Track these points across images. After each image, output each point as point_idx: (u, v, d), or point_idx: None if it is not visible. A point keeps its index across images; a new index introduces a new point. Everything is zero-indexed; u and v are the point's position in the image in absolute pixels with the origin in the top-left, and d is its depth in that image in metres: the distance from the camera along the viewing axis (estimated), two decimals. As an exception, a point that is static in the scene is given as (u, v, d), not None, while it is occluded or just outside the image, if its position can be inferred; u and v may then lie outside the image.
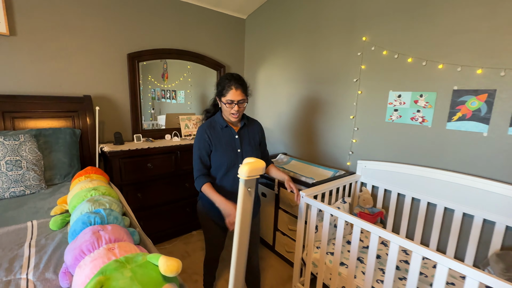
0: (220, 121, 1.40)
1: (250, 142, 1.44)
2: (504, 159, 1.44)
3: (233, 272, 0.64)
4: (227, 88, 1.30)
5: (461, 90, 1.56)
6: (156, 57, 2.55)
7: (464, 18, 1.52)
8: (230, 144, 1.39)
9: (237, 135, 1.41)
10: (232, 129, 1.41)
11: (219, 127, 1.40)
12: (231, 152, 1.38)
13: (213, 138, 1.37)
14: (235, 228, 0.61)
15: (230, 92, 1.30)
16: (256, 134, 1.50)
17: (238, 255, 0.57)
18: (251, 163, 0.45)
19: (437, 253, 1.03)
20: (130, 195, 2.11)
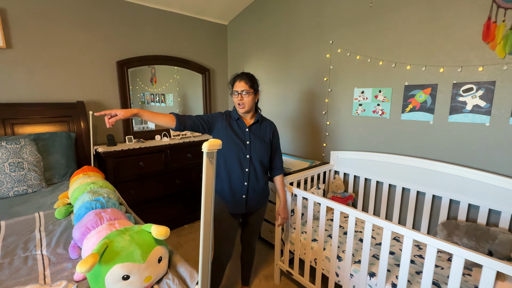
0: (233, 113, 1.51)
1: (260, 137, 1.52)
2: (446, 143, 1.69)
3: (201, 240, 0.81)
4: (233, 81, 1.48)
5: (411, 85, 1.80)
6: (144, 63, 2.73)
7: (409, 24, 1.77)
8: (239, 134, 1.47)
9: (247, 129, 1.49)
10: (243, 122, 1.50)
11: (232, 118, 1.51)
12: (239, 141, 1.45)
13: (224, 122, 1.48)
14: (202, 196, 0.75)
15: (236, 83, 1.46)
16: (268, 132, 1.56)
17: (205, 221, 0.73)
18: (211, 140, 0.65)
19: (402, 227, 1.26)
20: (124, 192, 2.28)
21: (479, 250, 1.43)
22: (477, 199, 1.55)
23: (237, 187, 1.49)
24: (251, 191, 1.52)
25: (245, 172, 1.48)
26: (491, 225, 1.52)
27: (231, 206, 1.51)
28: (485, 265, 0.98)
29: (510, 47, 1.40)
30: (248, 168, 1.48)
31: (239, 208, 1.52)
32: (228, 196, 1.49)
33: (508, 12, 1.40)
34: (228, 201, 1.50)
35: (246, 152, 1.47)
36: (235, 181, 1.48)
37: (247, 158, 1.47)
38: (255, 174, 1.50)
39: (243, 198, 1.51)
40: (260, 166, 1.52)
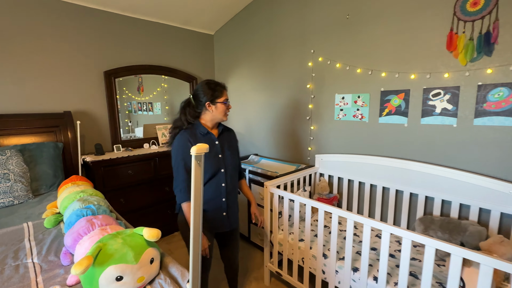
0: (200, 128, 1.40)
1: (229, 148, 1.48)
2: (420, 144, 1.82)
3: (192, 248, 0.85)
4: (221, 89, 1.40)
5: (386, 91, 1.94)
6: (131, 73, 2.76)
7: (382, 34, 1.91)
8: (212, 150, 1.39)
9: (217, 141, 1.43)
10: (213, 135, 1.43)
11: (199, 134, 1.39)
12: (214, 157, 1.39)
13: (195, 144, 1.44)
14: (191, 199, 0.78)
15: (224, 92, 1.41)
16: (233, 140, 1.55)
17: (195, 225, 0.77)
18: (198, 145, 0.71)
19: (381, 222, 1.35)
20: (113, 200, 2.29)
21: (452, 242, 1.54)
22: (449, 195, 1.67)
23: (217, 205, 1.43)
24: (231, 205, 1.48)
25: (222, 187, 1.43)
26: (463, 219, 1.65)
27: (215, 226, 1.45)
28: (453, 253, 1.08)
29: (470, 56, 1.55)
30: (224, 183, 1.43)
31: (223, 227, 1.48)
32: (210, 215, 1.42)
33: (467, 24, 1.55)
34: (209, 222, 1.42)
35: (221, 166, 1.42)
36: (214, 199, 1.42)
37: (222, 172, 1.42)
38: (232, 186, 1.47)
39: (224, 216, 1.46)
40: (235, 176, 1.50)
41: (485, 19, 1.49)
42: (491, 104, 1.51)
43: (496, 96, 1.50)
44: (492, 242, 1.32)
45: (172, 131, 1.44)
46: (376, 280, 1.39)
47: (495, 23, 1.46)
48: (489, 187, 1.52)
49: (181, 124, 1.42)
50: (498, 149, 1.52)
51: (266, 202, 1.88)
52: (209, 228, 1.44)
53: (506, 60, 1.45)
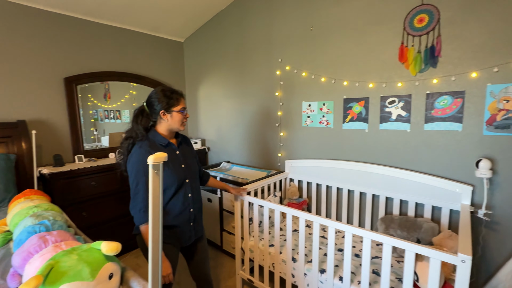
0: (159, 139, 1.31)
1: (190, 156, 1.44)
2: (379, 148, 1.94)
3: (150, 258, 0.80)
4: (177, 97, 1.30)
5: (348, 99, 2.05)
6: (95, 79, 2.65)
7: (343, 46, 2.04)
8: (175, 161, 1.33)
9: (178, 151, 1.38)
10: (173, 145, 1.36)
11: (160, 146, 1.31)
12: (178, 169, 1.32)
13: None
14: (149, 208, 0.73)
15: (182, 100, 1.32)
16: (191, 147, 1.51)
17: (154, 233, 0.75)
18: (156, 154, 0.70)
19: (315, 216, 1.40)
20: (75, 214, 2.14)
21: (410, 238, 1.66)
22: (406, 195, 1.80)
23: (186, 217, 1.36)
24: (197, 214, 1.43)
25: (189, 198, 1.37)
26: (418, 216, 1.78)
27: (184, 240, 1.38)
28: (407, 249, 1.16)
29: (419, 67, 1.70)
30: (191, 193, 1.37)
31: (190, 239, 1.41)
32: (180, 230, 1.35)
33: (415, 39, 1.71)
34: (180, 236, 1.35)
35: (186, 177, 1.36)
36: (183, 212, 1.34)
37: (187, 182, 1.36)
38: (197, 194, 1.43)
39: (191, 226, 1.40)
40: (198, 184, 1.46)
41: (430, 35, 1.65)
42: (438, 111, 1.67)
43: (441, 103, 1.65)
44: (442, 237, 1.44)
45: (123, 142, 1.31)
46: (341, 280, 1.45)
47: (438, 38, 1.62)
48: (439, 186, 1.66)
49: (134, 134, 1.30)
50: (446, 151, 1.67)
51: (236, 209, 1.88)
52: (180, 244, 1.37)
53: (448, 71, 1.62)
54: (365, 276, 1.30)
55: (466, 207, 1.52)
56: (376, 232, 1.26)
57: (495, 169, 1.51)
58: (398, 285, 1.40)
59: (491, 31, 1.47)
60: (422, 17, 1.67)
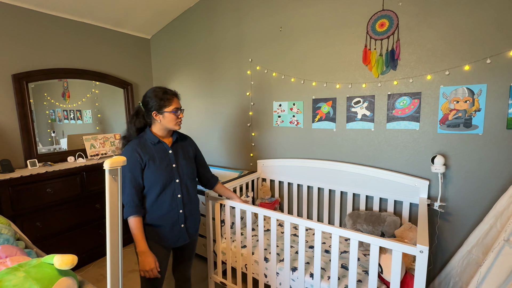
0: (150, 137, 1.32)
1: (184, 156, 1.41)
2: (346, 146, 2.02)
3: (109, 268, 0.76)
4: (169, 98, 1.30)
5: (317, 99, 2.11)
6: (50, 77, 2.43)
7: (310, 47, 2.09)
8: (164, 159, 1.32)
9: (170, 150, 1.36)
10: (165, 144, 1.35)
11: (150, 144, 1.32)
12: (165, 167, 1.31)
13: (144, 156, 1.27)
14: (107, 218, 0.70)
15: (174, 100, 1.32)
16: (189, 148, 1.48)
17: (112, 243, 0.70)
18: (114, 158, 0.65)
19: (286, 215, 1.42)
20: (27, 225, 1.95)
21: (375, 232, 1.74)
22: (371, 191, 1.89)
23: (173, 219, 1.34)
24: (189, 217, 1.40)
25: (177, 198, 1.34)
26: (382, 211, 1.87)
27: (172, 241, 1.36)
28: (372, 243, 1.21)
29: (381, 69, 1.80)
30: (180, 194, 1.35)
31: (181, 240, 1.39)
32: (165, 231, 1.33)
33: (377, 42, 1.80)
34: (165, 237, 1.33)
35: (175, 177, 1.34)
36: (169, 213, 1.33)
37: (176, 182, 1.35)
38: (188, 196, 1.39)
39: (182, 228, 1.37)
40: (192, 185, 1.43)
41: (390, 39, 1.75)
42: (398, 111, 1.78)
43: (401, 104, 1.76)
44: (403, 229, 1.53)
45: (120, 141, 1.41)
46: (312, 277, 1.48)
47: (397, 42, 1.72)
48: (400, 182, 1.77)
49: (129, 134, 1.37)
50: (405, 149, 1.79)
51: (208, 211, 1.84)
52: (166, 244, 1.36)
53: (406, 74, 1.73)
54: (334, 271, 1.34)
55: (423, 200, 1.64)
56: (344, 228, 1.31)
57: (448, 164, 1.64)
58: (364, 277, 1.46)
59: (442, 37, 1.60)
60: (383, 22, 1.76)
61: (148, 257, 1.24)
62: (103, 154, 2.61)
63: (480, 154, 1.55)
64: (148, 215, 1.30)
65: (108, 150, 2.66)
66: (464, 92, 1.56)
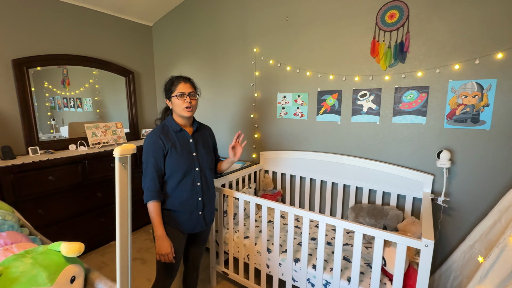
0: (172, 125, 1.35)
1: (204, 145, 1.43)
2: (351, 139, 2.01)
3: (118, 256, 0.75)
4: (176, 83, 1.32)
5: (322, 91, 2.08)
6: (51, 63, 2.38)
7: (317, 38, 2.04)
8: (185, 148, 1.34)
9: (191, 139, 1.38)
10: (186, 132, 1.37)
11: (172, 131, 1.35)
12: (187, 156, 1.33)
13: (167, 143, 1.30)
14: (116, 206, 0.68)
15: (179, 85, 1.31)
16: (209, 138, 1.51)
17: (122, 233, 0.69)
18: (124, 145, 0.63)
19: (289, 207, 1.42)
20: (29, 212, 1.94)
21: (377, 225, 1.75)
22: (374, 184, 1.89)
23: (192, 206, 1.37)
24: (207, 204, 1.42)
25: (197, 186, 1.37)
26: (385, 204, 1.88)
27: (190, 227, 1.38)
28: (376, 236, 1.22)
29: (389, 62, 1.77)
30: (200, 182, 1.37)
31: (198, 227, 1.41)
32: (184, 217, 1.35)
33: (386, 34, 1.76)
34: (184, 223, 1.36)
35: (195, 165, 1.36)
36: (189, 200, 1.35)
37: (196, 171, 1.37)
38: (206, 185, 1.42)
39: (200, 215, 1.40)
40: (210, 175, 1.45)
41: (399, 31, 1.72)
42: (405, 105, 1.76)
43: (408, 97, 1.74)
44: (406, 223, 1.54)
45: (155, 123, 1.48)
46: (315, 268, 1.49)
47: (407, 35, 1.69)
48: (404, 176, 1.76)
49: (160, 120, 1.47)
50: (410, 143, 1.78)
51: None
52: (183, 230, 1.38)
53: (415, 67, 1.70)
54: (337, 263, 1.35)
55: (427, 195, 1.64)
56: (347, 220, 1.31)
57: (453, 159, 1.64)
58: (366, 269, 1.48)
59: (453, 30, 1.57)
60: (393, 13, 1.72)
61: (165, 241, 1.26)
62: (104, 142, 2.59)
63: (486, 150, 1.55)
64: (169, 201, 1.32)
65: (109, 138, 2.64)
66: (473, 86, 1.54)
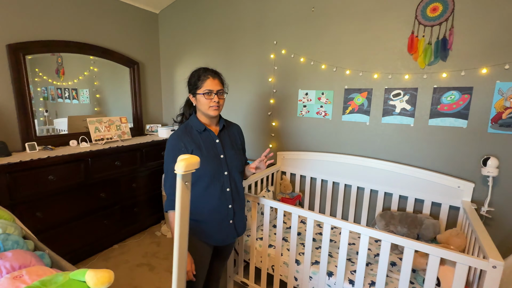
0: (196, 124, 1.21)
1: (232, 146, 1.28)
2: (380, 142, 1.88)
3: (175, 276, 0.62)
4: (203, 78, 1.17)
5: (350, 89, 1.94)
6: (49, 49, 2.16)
7: (347, 31, 1.89)
8: (211, 150, 1.20)
9: (217, 139, 1.23)
10: (211, 132, 1.23)
11: (196, 132, 1.21)
12: (213, 158, 1.19)
13: (189, 145, 1.16)
14: (175, 226, 0.57)
15: (207, 81, 1.17)
16: (237, 137, 1.36)
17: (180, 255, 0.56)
18: (187, 159, 0.48)
19: (340, 220, 1.29)
20: (26, 215, 1.75)
21: (410, 235, 1.64)
22: (406, 190, 1.77)
23: (222, 214, 1.22)
24: (237, 212, 1.28)
25: (226, 192, 1.22)
26: (417, 212, 1.77)
27: (221, 239, 1.24)
28: (431, 253, 1.09)
29: (428, 59, 1.63)
30: (229, 187, 1.22)
31: (230, 237, 1.26)
32: (213, 228, 1.21)
33: (427, 29, 1.63)
34: (213, 234, 1.22)
35: (224, 169, 1.21)
36: (219, 207, 1.21)
37: (225, 175, 1.22)
38: (236, 190, 1.27)
39: (231, 224, 1.25)
40: (240, 179, 1.29)
41: (442, 25, 1.58)
42: (444, 106, 1.63)
43: (448, 98, 1.62)
44: (449, 235, 1.42)
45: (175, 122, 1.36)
46: (352, 284, 1.36)
47: (451, 30, 1.56)
48: (441, 183, 1.65)
49: (182, 118, 1.33)
50: (448, 147, 1.66)
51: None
52: (213, 242, 1.24)
53: (458, 66, 1.57)
54: (381, 279, 1.22)
55: (468, 204, 1.53)
56: (387, 231, 1.18)
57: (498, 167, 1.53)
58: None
59: (504, 26, 1.44)
60: (436, 6, 1.59)
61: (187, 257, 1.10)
62: (108, 138, 2.39)
63: (535, 158, 1.44)
64: (195, 210, 1.14)
65: (114, 134, 2.44)
66: (524, 89, 1.42)
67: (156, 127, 2.94)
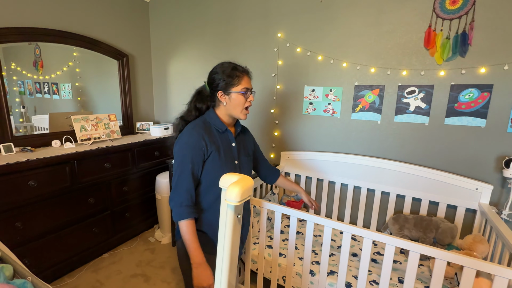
0: (217, 122, 1.08)
1: (245, 152, 1.20)
2: (392, 142, 1.79)
3: None
4: (240, 76, 1.05)
5: (360, 86, 1.83)
6: (25, 38, 1.92)
7: (358, 24, 1.78)
8: (228, 154, 1.09)
9: (234, 143, 1.13)
10: (231, 134, 1.12)
11: (215, 131, 1.08)
12: (230, 164, 1.08)
13: (210, 145, 1.03)
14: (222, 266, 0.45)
15: (245, 79, 1.05)
16: (250, 142, 1.28)
17: None
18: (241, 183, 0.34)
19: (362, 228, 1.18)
20: (4, 227, 1.54)
21: (426, 240, 1.57)
22: (420, 193, 1.69)
23: None
24: (245, 224, 1.22)
25: None
26: (431, 215, 1.69)
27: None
28: (465, 265, 1.00)
29: (446, 55, 1.55)
30: None
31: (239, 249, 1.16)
32: None
33: (445, 23, 1.53)
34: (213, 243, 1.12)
35: None
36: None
37: None
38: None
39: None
40: None
41: (462, 19, 1.49)
42: (462, 105, 1.56)
43: (466, 96, 1.54)
44: (472, 241, 1.35)
45: (176, 121, 1.16)
46: (374, 296, 1.27)
47: (471, 24, 1.47)
48: (457, 185, 1.58)
49: (188, 114, 1.14)
50: (465, 147, 1.59)
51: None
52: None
53: (478, 62, 1.49)
54: (407, 293, 1.13)
55: (486, 207, 1.47)
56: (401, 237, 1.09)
57: (517, 168, 1.47)
58: (430, 295, 1.28)
59: (527, 21, 1.37)
60: (456, -2, 1.49)
61: (206, 270, 0.99)
62: (96, 138, 2.17)
63: (556, 159, 1.39)
64: (205, 220, 1.05)
65: (102, 133, 2.22)
66: (548, 87, 1.36)
67: (147, 125, 2.74)
